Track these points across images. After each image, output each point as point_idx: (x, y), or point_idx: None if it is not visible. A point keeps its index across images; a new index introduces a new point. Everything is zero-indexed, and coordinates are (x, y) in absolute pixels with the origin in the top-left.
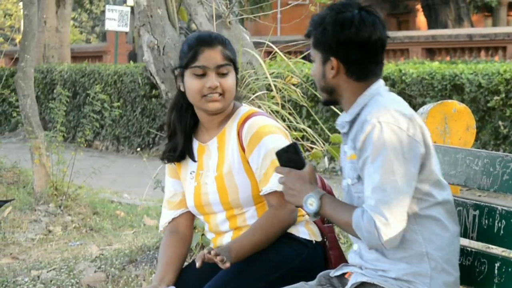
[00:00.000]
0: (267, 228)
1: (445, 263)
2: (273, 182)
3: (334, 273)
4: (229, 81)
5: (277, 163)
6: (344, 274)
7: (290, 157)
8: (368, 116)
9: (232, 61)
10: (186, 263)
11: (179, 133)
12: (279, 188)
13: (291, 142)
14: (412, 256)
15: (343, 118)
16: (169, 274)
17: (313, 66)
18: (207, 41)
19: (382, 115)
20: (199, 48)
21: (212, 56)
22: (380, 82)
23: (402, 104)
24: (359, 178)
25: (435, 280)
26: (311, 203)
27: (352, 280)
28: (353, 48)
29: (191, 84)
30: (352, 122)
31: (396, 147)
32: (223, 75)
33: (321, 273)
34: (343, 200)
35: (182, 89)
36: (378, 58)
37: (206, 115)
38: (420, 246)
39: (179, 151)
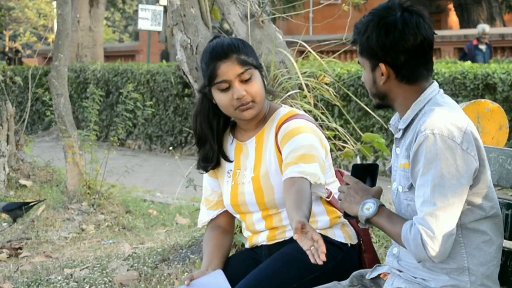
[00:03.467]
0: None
1: (485, 278)
2: (293, 170)
3: (370, 275)
4: (255, 85)
5: (309, 157)
6: (379, 274)
7: (366, 174)
8: (422, 126)
9: (251, 64)
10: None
11: (210, 139)
12: (297, 175)
13: (375, 163)
14: (453, 269)
15: (396, 121)
16: (215, 260)
17: (363, 74)
18: (220, 54)
19: (437, 126)
20: (215, 64)
21: (229, 68)
22: (434, 86)
23: (458, 115)
24: (411, 187)
25: None
26: (368, 208)
27: (389, 282)
28: (399, 51)
29: (220, 99)
30: (405, 129)
31: (449, 160)
32: (247, 81)
33: (354, 273)
34: (393, 202)
35: (214, 102)
36: (427, 58)
37: (243, 120)
38: (462, 260)
39: (215, 159)
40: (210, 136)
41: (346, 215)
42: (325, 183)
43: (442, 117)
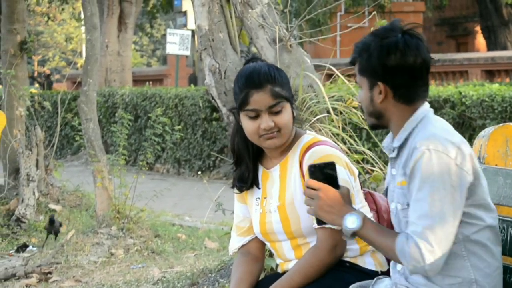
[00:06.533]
0: (306, 269)
1: None
2: None
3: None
4: (284, 117)
5: None
6: None
7: (327, 174)
8: (417, 143)
9: (284, 97)
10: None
11: (247, 160)
12: (327, 225)
13: (330, 161)
14: (460, 283)
15: (389, 142)
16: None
17: (360, 92)
18: (255, 83)
19: (432, 142)
20: (248, 91)
21: (262, 98)
22: (426, 106)
23: (450, 131)
24: (409, 204)
25: None
26: (353, 222)
27: None
28: (399, 72)
29: (247, 126)
30: (400, 148)
31: (444, 176)
32: (276, 113)
33: (352, 286)
34: (392, 222)
35: (240, 124)
36: (424, 81)
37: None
38: (468, 273)
39: (250, 180)
40: (247, 156)
41: (319, 222)
42: None
43: (436, 133)
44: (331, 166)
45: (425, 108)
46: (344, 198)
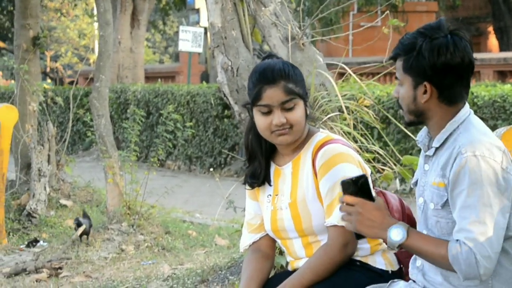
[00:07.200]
0: (317, 267)
1: None
2: (335, 216)
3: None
4: (296, 114)
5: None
6: None
7: (360, 188)
8: (462, 149)
9: (297, 94)
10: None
11: (260, 157)
12: (340, 223)
13: (362, 173)
14: (477, 286)
15: (424, 137)
16: (253, 285)
17: (399, 88)
18: (268, 78)
19: (477, 148)
20: (261, 87)
21: (274, 94)
22: (467, 107)
23: (491, 135)
24: (444, 205)
25: None
26: (397, 234)
27: None
28: (448, 73)
29: (259, 121)
30: (438, 147)
31: (492, 180)
32: (289, 109)
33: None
34: (417, 217)
35: (253, 120)
36: (468, 81)
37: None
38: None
39: (262, 176)
40: (259, 153)
41: (358, 236)
42: None
43: (480, 138)
44: (363, 178)
45: (466, 109)
46: (383, 210)
